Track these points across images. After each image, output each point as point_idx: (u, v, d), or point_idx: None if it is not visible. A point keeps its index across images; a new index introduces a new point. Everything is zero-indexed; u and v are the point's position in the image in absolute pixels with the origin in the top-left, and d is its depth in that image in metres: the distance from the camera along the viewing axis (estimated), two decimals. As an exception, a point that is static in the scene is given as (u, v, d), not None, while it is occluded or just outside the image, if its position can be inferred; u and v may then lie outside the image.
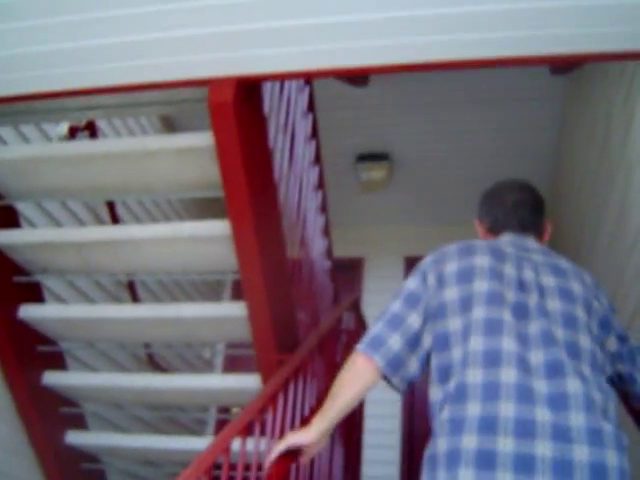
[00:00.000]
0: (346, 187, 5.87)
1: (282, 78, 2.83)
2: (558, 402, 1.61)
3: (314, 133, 3.82)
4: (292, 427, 2.42)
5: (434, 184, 5.71)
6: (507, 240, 2.02)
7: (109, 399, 3.65)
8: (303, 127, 3.62)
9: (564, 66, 4.23)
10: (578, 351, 1.73)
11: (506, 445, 1.57)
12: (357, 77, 4.42)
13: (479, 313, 1.78)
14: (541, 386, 1.64)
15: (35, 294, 3.26)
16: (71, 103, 2.73)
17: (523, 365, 1.67)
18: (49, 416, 3.33)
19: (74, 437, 3.38)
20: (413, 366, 1.86)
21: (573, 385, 1.64)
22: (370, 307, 6.24)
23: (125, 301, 4.15)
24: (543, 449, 1.55)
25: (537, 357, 1.69)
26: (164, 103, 2.71)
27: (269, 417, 2.27)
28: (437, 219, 6.06)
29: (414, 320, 1.86)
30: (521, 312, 1.77)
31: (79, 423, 3.52)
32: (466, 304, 1.81)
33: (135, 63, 2.40)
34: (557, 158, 5.24)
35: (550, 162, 5.35)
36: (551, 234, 2.16)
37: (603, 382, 1.72)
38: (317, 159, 3.94)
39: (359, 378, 1.87)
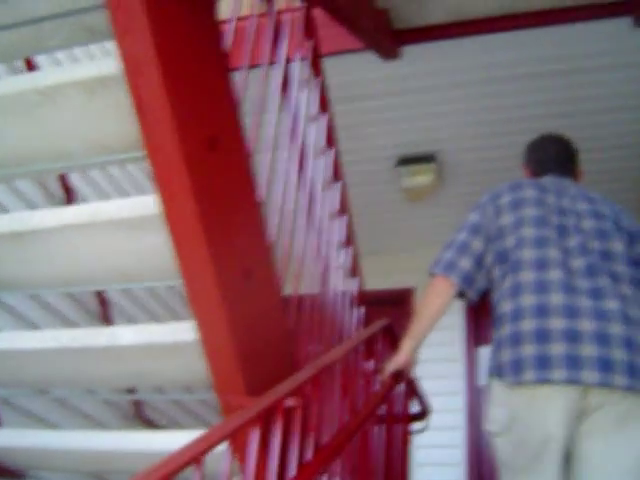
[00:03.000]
0: (386, 202, 4.89)
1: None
2: (596, 294, 2.15)
3: (330, 139, 2.86)
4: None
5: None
6: (548, 179, 2.51)
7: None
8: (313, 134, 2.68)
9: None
10: (610, 255, 2.25)
11: (558, 324, 2.11)
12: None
13: (529, 232, 2.29)
14: (582, 283, 2.18)
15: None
16: None
17: (566, 269, 2.20)
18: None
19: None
20: (481, 280, 2.38)
21: (605, 282, 2.18)
22: (425, 349, 5.20)
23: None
24: (588, 325, 2.09)
25: (577, 263, 2.22)
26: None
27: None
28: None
29: (478, 245, 2.38)
30: (562, 231, 2.30)
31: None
32: (518, 226, 2.32)
33: None
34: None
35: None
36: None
37: (636, 275, 2.25)
38: (336, 174, 2.97)
39: (440, 295, 2.37)
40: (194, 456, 1.31)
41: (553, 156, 2.59)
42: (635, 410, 2.06)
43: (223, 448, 1.44)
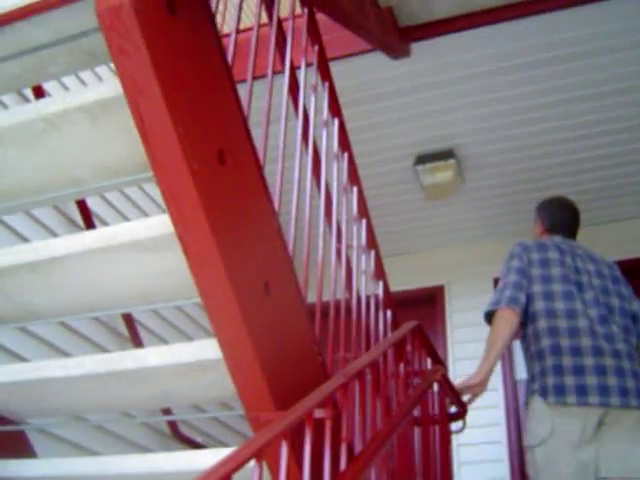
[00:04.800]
0: (407, 202, 4.84)
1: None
2: (609, 338, 2.92)
3: (343, 143, 2.82)
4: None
5: (520, 181, 4.56)
6: (560, 240, 3.21)
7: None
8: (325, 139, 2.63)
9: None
10: (611, 308, 3.03)
11: (590, 362, 2.86)
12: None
13: (558, 287, 3.01)
14: (599, 329, 2.93)
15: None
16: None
17: (587, 317, 2.95)
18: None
19: None
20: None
21: (614, 329, 2.95)
22: (457, 346, 5.12)
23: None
24: (609, 362, 2.86)
25: (593, 313, 2.97)
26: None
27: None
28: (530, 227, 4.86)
29: (525, 284, 3.00)
30: (580, 287, 3.03)
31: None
32: (546, 280, 3.02)
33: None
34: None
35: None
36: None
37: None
38: (353, 178, 2.94)
39: (508, 323, 2.92)
40: (222, 476, 1.29)
41: (566, 221, 3.29)
42: None
43: (253, 464, 1.41)
